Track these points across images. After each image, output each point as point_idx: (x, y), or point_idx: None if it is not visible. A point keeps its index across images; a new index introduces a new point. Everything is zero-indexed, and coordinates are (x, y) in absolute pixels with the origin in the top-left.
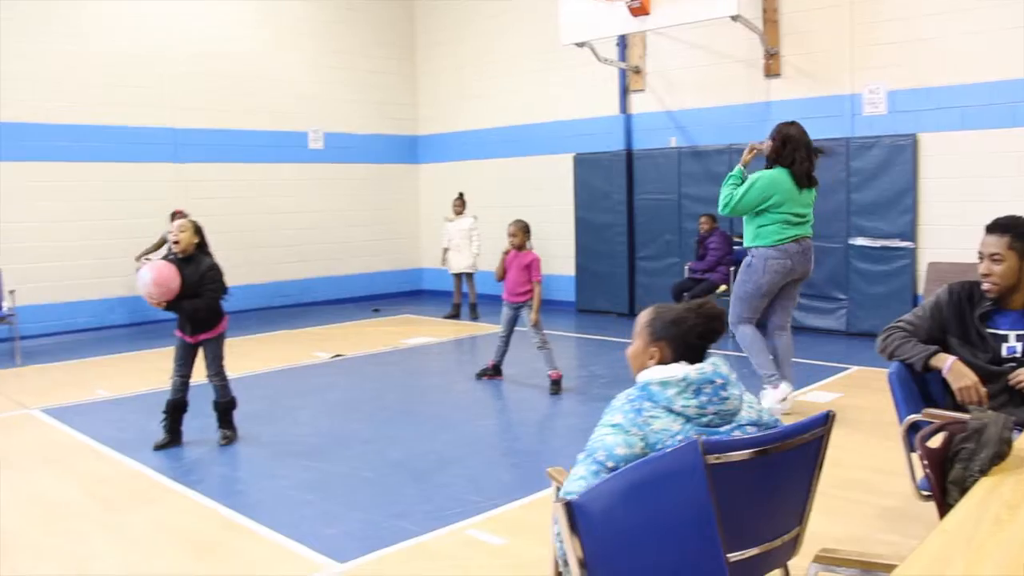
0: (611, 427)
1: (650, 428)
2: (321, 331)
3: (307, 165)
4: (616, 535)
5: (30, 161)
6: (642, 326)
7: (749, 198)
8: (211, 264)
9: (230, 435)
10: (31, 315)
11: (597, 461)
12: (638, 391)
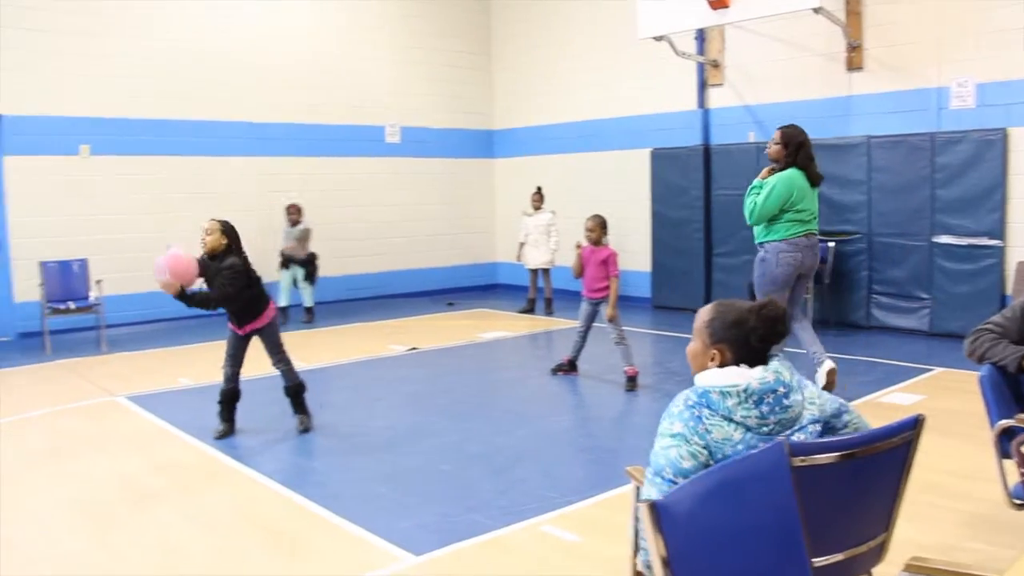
0: (671, 437)
1: (711, 436)
2: (397, 324)
3: (384, 159)
4: (700, 536)
5: (118, 155)
6: (702, 325)
7: (771, 203)
8: (230, 263)
9: (306, 420)
10: (116, 304)
11: (667, 480)
12: (696, 396)
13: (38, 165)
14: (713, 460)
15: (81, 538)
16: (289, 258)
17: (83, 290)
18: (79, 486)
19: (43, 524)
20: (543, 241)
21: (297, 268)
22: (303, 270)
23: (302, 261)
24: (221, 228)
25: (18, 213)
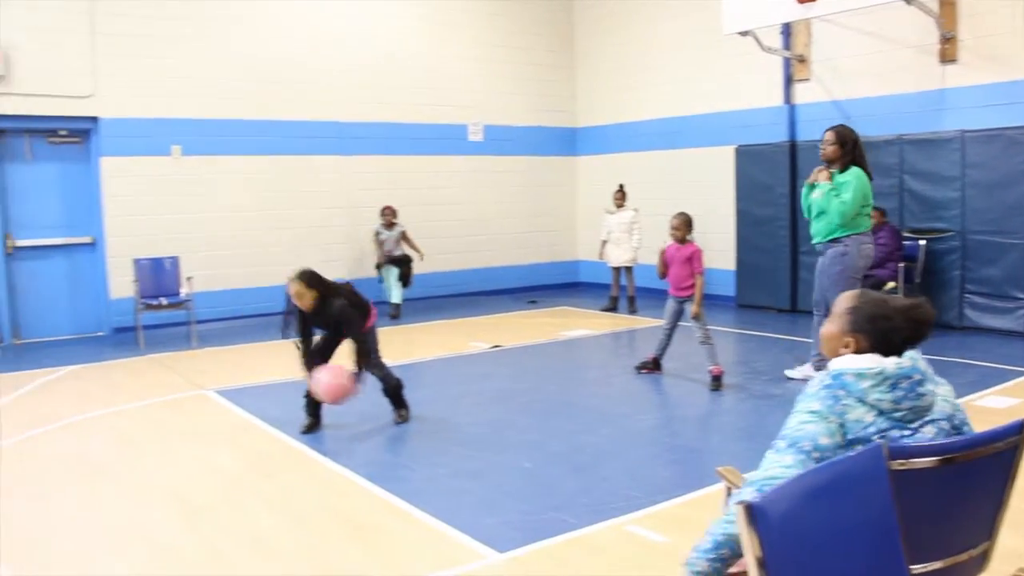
0: (810, 414)
1: (847, 416)
2: (479, 321)
3: (467, 157)
4: (795, 538)
5: (208, 155)
6: (842, 311)
7: (855, 201)
8: (339, 307)
9: (404, 414)
10: (206, 300)
11: (803, 451)
12: (832, 378)
13: (132, 166)
14: (844, 441)
15: (174, 527)
16: (389, 260)
17: (174, 287)
18: (172, 476)
19: (137, 512)
20: (625, 239)
21: (392, 267)
22: (398, 270)
23: (398, 261)
24: (306, 284)
25: (114, 212)
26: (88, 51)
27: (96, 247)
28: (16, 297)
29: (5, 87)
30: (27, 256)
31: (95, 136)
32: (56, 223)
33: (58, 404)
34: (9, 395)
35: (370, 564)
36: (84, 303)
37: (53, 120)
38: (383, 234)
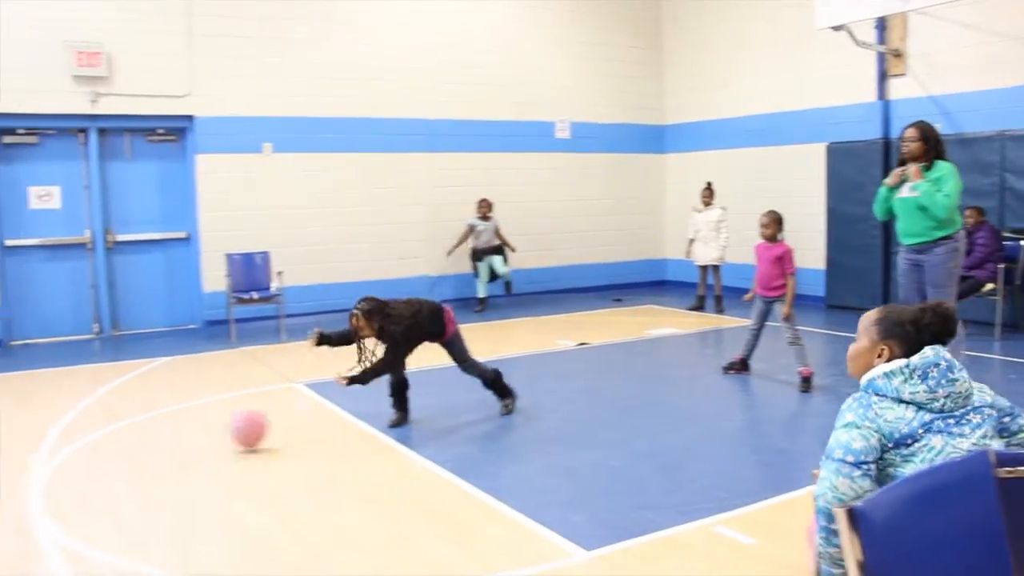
0: (843, 427)
1: (883, 420)
2: (565, 319)
3: (554, 155)
4: (898, 544)
5: (298, 152)
6: (869, 324)
7: (957, 194)
8: (392, 335)
9: (510, 404)
10: (295, 295)
11: (836, 460)
12: (863, 390)
13: (225, 163)
14: (890, 442)
15: (263, 517)
16: (482, 251)
17: (265, 281)
18: (261, 468)
19: (230, 502)
20: (713, 238)
21: (491, 257)
22: (499, 257)
23: (495, 249)
24: (364, 318)
25: (207, 208)
26: (185, 52)
27: (191, 242)
28: (116, 290)
29: (107, 88)
30: (126, 250)
31: (191, 134)
32: (153, 219)
33: (155, 394)
34: (109, 384)
35: (458, 559)
36: (179, 296)
37: (151, 119)
38: (479, 226)
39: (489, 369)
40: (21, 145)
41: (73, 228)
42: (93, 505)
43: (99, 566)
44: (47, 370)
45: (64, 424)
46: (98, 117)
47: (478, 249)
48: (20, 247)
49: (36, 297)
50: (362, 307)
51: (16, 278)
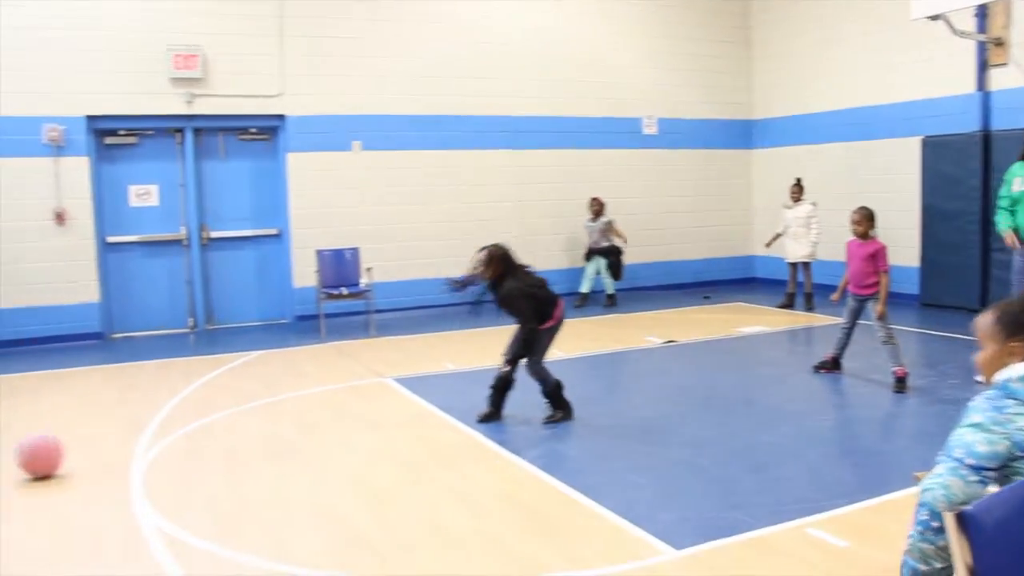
0: (968, 427)
1: (1015, 426)
2: (653, 316)
3: (641, 151)
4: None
5: (387, 150)
6: (990, 327)
7: None
8: (507, 290)
9: (559, 415)
10: (384, 291)
11: (955, 459)
12: (996, 390)
13: (315, 161)
14: (1020, 451)
15: (358, 510)
16: (593, 250)
17: (355, 277)
18: (354, 461)
19: (322, 494)
20: (803, 234)
21: (600, 259)
22: (605, 260)
23: (605, 251)
24: (488, 258)
25: (298, 205)
26: (276, 53)
27: (282, 238)
28: (210, 285)
29: (202, 89)
30: (220, 247)
31: (282, 133)
32: (246, 216)
33: (248, 386)
34: (205, 376)
35: (549, 555)
36: (270, 292)
37: (244, 119)
38: (589, 226)
39: (553, 378)
40: (122, 145)
41: (170, 225)
42: (190, 493)
43: (196, 551)
44: (146, 362)
45: (163, 414)
46: (194, 117)
47: (589, 248)
48: (120, 243)
49: (135, 292)
50: (493, 249)
51: (116, 273)
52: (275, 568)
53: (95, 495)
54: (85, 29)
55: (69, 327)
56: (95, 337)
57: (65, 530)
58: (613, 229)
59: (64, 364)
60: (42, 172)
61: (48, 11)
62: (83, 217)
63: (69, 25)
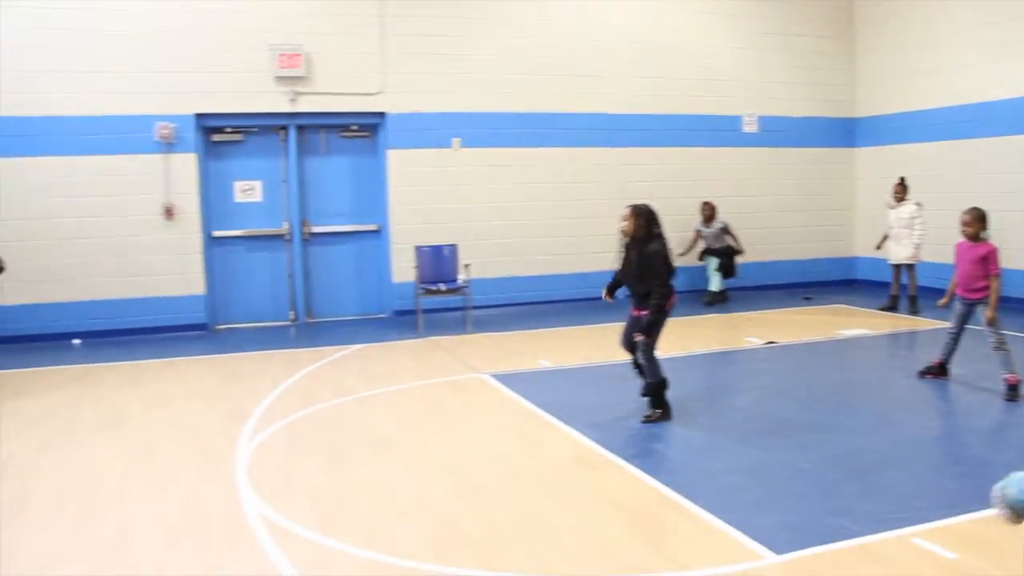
0: None
1: None
2: (753, 316)
3: (741, 150)
4: None
5: (485, 148)
6: None
7: None
8: (654, 250)
9: (656, 414)
10: (481, 287)
11: None
12: None
13: (415, 158)
14: None
15: (455, 503)
16: (709, 251)
17: (452, 273)
18: (451, 454)
19: (420, 486)
20: (906, 235)
21: (713, 258)
22: (718, 260)
23: (719, 251)
24: (635, 212)
25: (398, 202)
26: (378, 51)
27: (381, 234)
28: (310, 279)
29: (305, 87)
30: (321, 242)
31: (382, 130)
32: (346, 211)
33: (348, 379)
34: (305, 368)
35: (646, 554)
36: (368, 286)
37: (346, 116)
38: (703, 231)
39: (661, 373)
40: (228, 143)
41: (272, 220)
42: (292, 482)
43: (297, 539)
44: (248, 354)
45: (265, 405)
46: (297, 115)
47: (707, 249)
48: (225, 237)
49: (238, 284)
50: (639, 205)
51: (221, 266)
52: (375, 558)
53: (202, 480)
54: (195, 31)
55: (176, 318)
56: (200, 328)
57: (176, 512)
58: (731, 234)
59: (171, 353)
60: (153, 168)
61: (160, 16)
62: (190, 212)
63: (180, 28)
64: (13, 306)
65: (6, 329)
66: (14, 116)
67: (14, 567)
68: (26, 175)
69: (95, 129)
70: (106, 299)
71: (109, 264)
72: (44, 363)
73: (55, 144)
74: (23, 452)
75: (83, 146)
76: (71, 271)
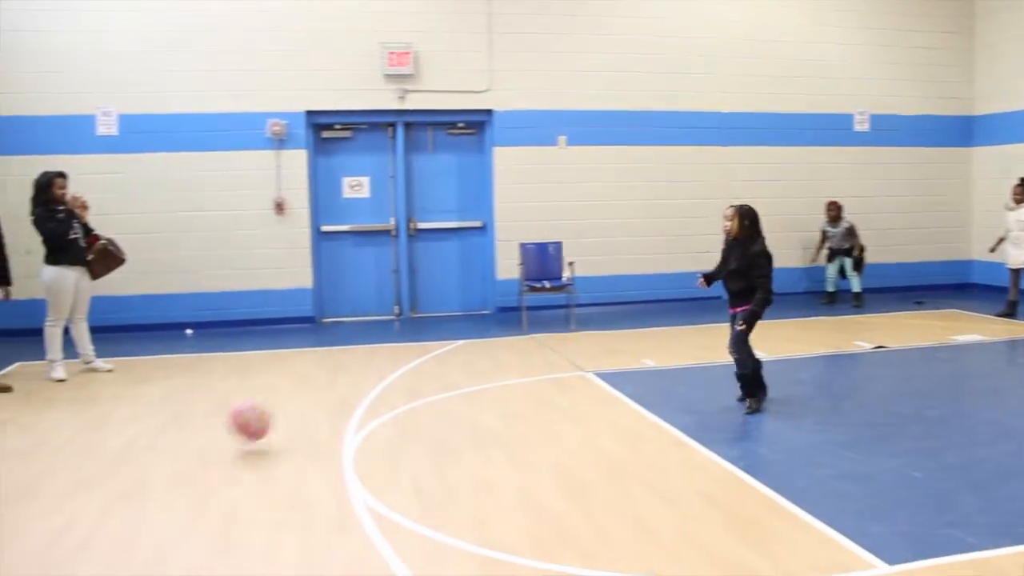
0: None
1: None
2: (862, 320)
3: (851, 148)
4: None
5: (591, 145)
6: None
7: None
8: (758, 251)
9: (755, 404)
10: (585, 285)
11: None
12: None
13: (521, 155)
14: None
15: (559, 500)
16: (835, 251)
17: (557, 271)
18: (556, 451)
19: (525, 482)
20: None
21: (844, 258)
22: (850, 259)
23: (847, 251)
24: (739, 212)
25: (503, 199)
26: (485, 49)
27: (486, 231)
28: (415, 275)
29: (413, 85)
30: (426, 238)
31: (489, 128)
32: (451, 208)
33: (452, 374)
34: (410, 363)
35: (751, 558)
36: (472, 283)
37: (453, 114)
38: (829, 231)
39: (754, 357)
40: (337, 139)
41: (379, 216)
42: (397, 474)
43: (403, 530)
44: (354, 347)
45: (371, 398)
46: (405, 112)
47: (832, 249)
48: (333, 232)
49: (344, 279)
50: (742, 205)
51: (328, 261)
52: (479, 552)
53: (310, 470)
54: (308, 31)
55: (284, 310)
56: (307, 321)
57: (285, 500)
58: (856, 235)
59: (278, 345)
60: (265, 164)
61: (274, 16)
62: (300, 207)
63: (293, 27)
64: (134, 296)
65: (128, 318)
66: (139, 114)
67: (137, 545)
68: (147, 170)
69: (211, 126)
70: (217, 291)
71: (221, 257)
72: (160, 351)
73: (174, 141)
74: (145, 435)
75: (199, 142)
76: (185, 263)
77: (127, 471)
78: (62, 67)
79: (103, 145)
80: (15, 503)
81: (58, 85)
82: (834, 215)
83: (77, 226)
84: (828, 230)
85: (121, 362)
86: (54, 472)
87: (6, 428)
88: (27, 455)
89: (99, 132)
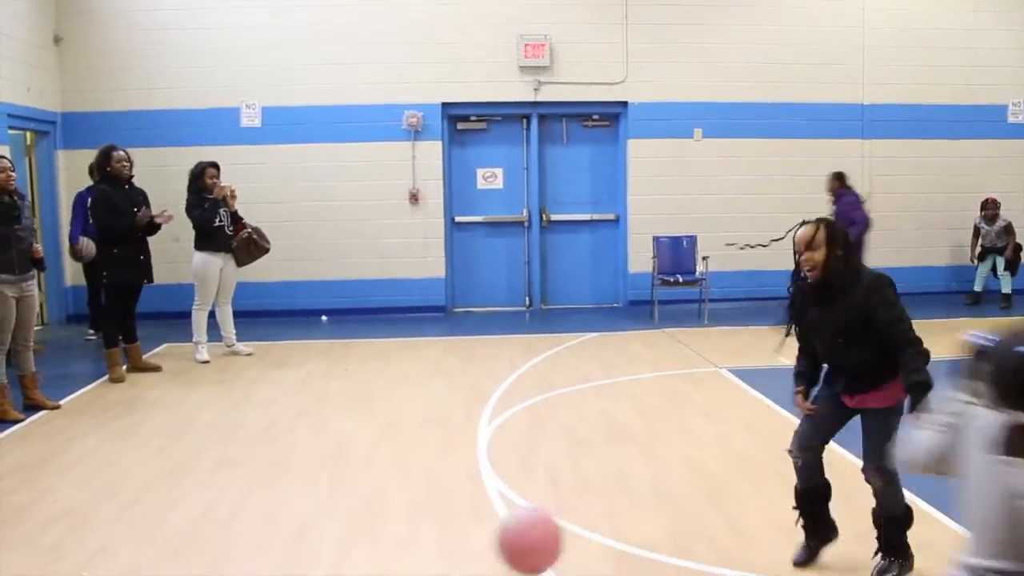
0: None
1: None
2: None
3: (1005, 142)
4: None
5: (728, 138)
6: None
7: None
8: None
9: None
10: (719, 280)
11: None
12: None
13: (655, 148)
14: None
15: (695, 497)
16: (988, 249)
17: (690, 265)
18: (690, 448)
19: (660, 477)
20: None
21: (996, 256)
22: (1003, 259)
23: (1000, 249)
24: (826, 228)
25: (636, 191)
26: (620, 41)
27: (619, 224)
28: (547, 266)
29: (548, 77)
30: (559, 230)
31: (623, 120)
32: (585, 200)
33: (585, 366)
34: (542, 354)
35: None
36: (604, 275)
37: (587, 106)
38: (983, 228)
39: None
40: (473, 131)
41: (512, 207)
42: (531, 464)
43: None
44: (486, 337)
45: (504, 388)
46: (539, 104)
47: (984, 247)
48: (467, 223)
49: (477, 269)
50: (822, 219)
51: (460, 251)
52: (614, 546)
53: (444, 457)
54: (445, 23)
55: (418, 299)
56: (439, 310)
57: (420, 486)
58: (1012, 233)
59: (411, 333)
60: (401, 155)
61: (413, 9)
62: (435, 197)
63: (431, 21)
64: (275, 282)
65: (269, 304)
66: (280, 106)
67: (279, 525)
68: (287, 161)
69: (349, 117)
70: (352, 279)
71: (357, 246)
72: (298, 336)
73: (313, 132)
74: (285, 417)
75: (337, 134)
76: (321, 251)
77: (269, 451)
78: (207, 62)
79: (247, 136)
80: (169, 476)
81: (204, 79)
82: (992, 212)
83: (224, 214)
84: (983, 227)
85: (260, 346)
86: (201, 449)
87: (158, 406)
88: (177, 432)
89: (243, 124)
